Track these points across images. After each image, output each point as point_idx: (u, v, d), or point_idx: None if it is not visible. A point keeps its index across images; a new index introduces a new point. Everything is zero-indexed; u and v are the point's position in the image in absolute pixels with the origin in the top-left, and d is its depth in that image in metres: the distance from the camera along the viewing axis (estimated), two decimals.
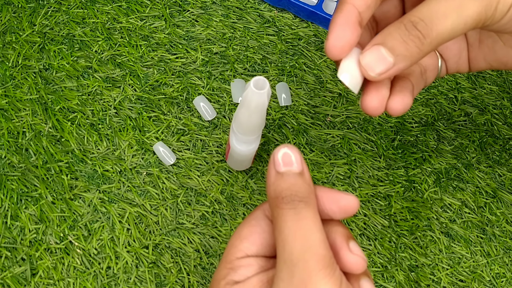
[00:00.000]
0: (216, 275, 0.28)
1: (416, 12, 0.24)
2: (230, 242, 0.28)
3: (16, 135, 0.48)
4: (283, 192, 0.25)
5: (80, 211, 0.46)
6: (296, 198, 0.25)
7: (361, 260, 0.26)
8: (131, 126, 0.50)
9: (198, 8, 0.57)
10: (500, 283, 0.48)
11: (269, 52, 0.55)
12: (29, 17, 0.54)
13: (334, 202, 0.27)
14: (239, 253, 0.27)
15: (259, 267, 0.27)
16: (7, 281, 0.43)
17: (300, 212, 0.25)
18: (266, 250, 0.28)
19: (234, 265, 0.27)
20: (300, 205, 0.25)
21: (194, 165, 0.49)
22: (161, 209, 0.47)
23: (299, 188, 0.26)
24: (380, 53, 0.25)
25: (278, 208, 0.25)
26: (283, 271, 0.25)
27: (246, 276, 0.27)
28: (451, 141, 0.54)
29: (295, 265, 0.24)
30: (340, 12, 0.27)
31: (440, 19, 0.24)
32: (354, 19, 0.26)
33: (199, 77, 0.53)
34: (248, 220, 0.29)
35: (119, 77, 0.52)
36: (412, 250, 0.48)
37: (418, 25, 0.24)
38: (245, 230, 0.28)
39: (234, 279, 0.27)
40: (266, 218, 0.28)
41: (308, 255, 0.24)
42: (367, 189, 0.50)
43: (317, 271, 0.24)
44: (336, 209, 0.27)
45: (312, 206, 0.26)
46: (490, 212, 0.51)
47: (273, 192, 0.26)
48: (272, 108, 0.52)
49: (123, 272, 0.44)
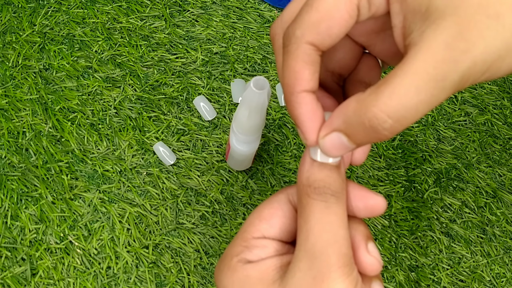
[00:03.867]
0: (229, 250, 0.27)
1: (382, 104, 0.21)
2: (249, 221, 0.28)
3: (16, 135, 0.48)
4: (316, 182, 0.25)
5: (80, 211, 0.46)
6: (328, 191, 0.25)
7: (377, 262, 0.26)
8: (131, 126, 0.50)
9: (198, 8, 0.57)
10: (500, 283, 0.48)
11: (269, 52, 0.55)
12: (29, 17, 0.54)
13: (362, 200, 0.27)
14: (256, 233, 0.27)
15: (274, 250, 0.27)
16: (7, 281, 0.43)
17: (330, 206, 0.25)
18: (284, 235, 0.28)
19: (250, 244, 0.27)
20: (332, 199, 0.25)
21: (194, 165, 0.49)
22: (161, 209, 0.47)
23: (333, 181, 0.25)
24: (340, 141, 0.23)
25: (308, 197, 0.25)
26: (303, 261, 0.24)
27: (260, 257, 0.26)
28: (451, 141, 0.54)
29: (316, 258, 0.24)
30: (299, 105, 0.25)
31: (411, 114, 0.21)
32: (314, 104, 0.25)
33: (199, 77, 0.53)
34: (270, 202, 0.28)
35: (119, 77, 0.52)
36: (412, 250, 0.48)
37: (385, 124, 0.21)
38: (265, 211, 0.28)
39: (247, 258, 0.26)
40: (289, 203, 0.28)
41: (331, 250, 0.24)
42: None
43: (336, 268, 0.24)
44: (362, 207, 0.27)
45: (343, 202, 0.25)
46: (490, 212, 0.51)
47: (305, 180, 0.25)
48: (272, 108, 0.52)
49: (123, 272, 0.44)
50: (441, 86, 0.20)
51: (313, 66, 0.25)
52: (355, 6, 0.23)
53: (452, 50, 0.20)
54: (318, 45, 0.24)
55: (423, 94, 0.20)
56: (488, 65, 0.20)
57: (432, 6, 0.21)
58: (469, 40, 0.20)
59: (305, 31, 0.24)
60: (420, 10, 0.21)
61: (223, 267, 0.27)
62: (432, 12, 0.21)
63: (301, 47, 0.24)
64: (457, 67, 0.20)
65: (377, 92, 0.21)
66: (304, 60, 0.24)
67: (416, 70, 0.20)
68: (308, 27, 0.24)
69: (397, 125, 0.21)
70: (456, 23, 0.20)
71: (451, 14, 0.20)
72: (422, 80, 0.20)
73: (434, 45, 0.20)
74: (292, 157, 0.50)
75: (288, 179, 0.50)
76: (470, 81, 0.21)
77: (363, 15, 0.24)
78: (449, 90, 0.21)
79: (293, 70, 0.24)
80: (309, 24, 0.24)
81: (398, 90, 0.20)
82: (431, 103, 0.21)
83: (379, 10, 0.23)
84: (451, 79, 0.20)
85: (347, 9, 0.23)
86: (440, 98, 0.21)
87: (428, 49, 0.20)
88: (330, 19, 0.23)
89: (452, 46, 0.20)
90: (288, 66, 0.25)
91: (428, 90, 0.20)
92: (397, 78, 0.21)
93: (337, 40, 0.24)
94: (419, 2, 0.21)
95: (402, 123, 0.21)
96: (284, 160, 0.50)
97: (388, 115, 0.21)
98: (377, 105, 0.21)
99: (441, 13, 0.20)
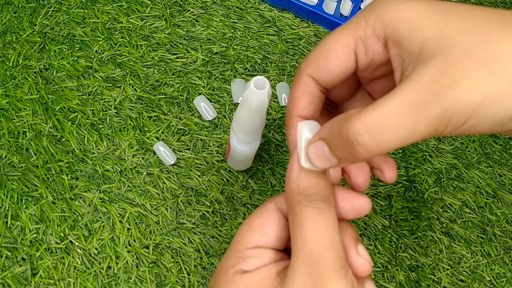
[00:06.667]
0: (224, 263, 0.28)
1: (364, 118, 0.22)
2: (241, 232, 0.28)
3: (17, 135, 0.48)
4: (307, 189, 0.26)
5: (81, 211, 0.46)
6: (319, 198, 0.25)
7: (367, 263, 0.27)
8: (131, 126, 0.50)
9: (198, 8, 0.57)
10: (500, 283, 0.48)
11: (270, 52, 0.55)
12: (30, 17, 0.54)
13: (348, 202, 0.27)
14: (249, 243, 0.28)
15: (269, 258, 0.27)
16: (7, 281, 0.43)
17: (323, 212, 0.25)
18: (276, 243, 0.28)
19: (244, 255, 0.27)
20: (323, 205, 0.26)
21: (194, 165, 0.49)
22: (162, 209, 0.47)
23: (322, 187, 0.26)
24: (323, 151, 0.24)
25: (300, 205, 0.26)
26: (301, 267, 0.25)
27: (256, 266, 0.27)
28: (451, 141, 0.54)
29: (315, 263, 0.25)
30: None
31: (388, 134, 0.21)
32: None
33: (200, 77, 0.53)
34: (260, 211, 0.29)
35: (120, 77, 0.52)
36: (412, 250, 0.48)
37: (360, 138, 0.22)
38: (256, 221, 0.28)
39: (243, 268, 0.27)
40: (279, 212, 0.28)
41: (328, 254, 0.25)
42: (367, 189, 0.50)
43: (333, 271, 0.25)
44: (349, 208, 0.27)
45: (333, 207, 0.26)
46: (491, 212, 0.51)
47: (295, 187, 0.26)
48: (272, 108, 0.52)
49: (123, 272, 0.44)
50: (422, 114, 0.21)
51: (310, 96, 0.27)
52: (351, 50, 0.26)
53: (437, 84, 0.21)
54: (317, 79, 0.27)
55: (403, 118, 0.21)
56: (472, 107, 0.21)
57: (425, 47, 0.22)
58: (454, 78, 0.21)
59: (307, 65, 0.27)
60: (415, 51, 0.23)
61: (219, 281, 0.27)
62: (425, 52, 0.22)
63: (302, 78, 0.27)
64: (440, 99, 0.21)
65: (362, 109, 0.22)
66: (303, 89, 0.27)
67: (401, 95, 0.22)
68: (310, 62, 0.27)
69: (372, 143, 0.22)
70: (443, 62, 0.22)
71: (440, 54, 0.22)
72: (404, 104, 0.21)
73: (421, 78, 0.22)
74: None
75: None
76: (453, 122, 0.22)
77: (361, 59, 0.26)
78: (430, 122, 0.21)
79: (293, 96, 0.28)
80: (311, 59, 0.27)
81: (380, 108, 0.22)
82: (411, 130, 0.21)
83: (376, 55, 0.26)
84: (432, 110, 0.21)
85: (343, 50, 0.26)
86: (420, 127, 0.21)
87: (415, 81, 0.22)
88: (327, 57, 0.26)
89: (438, 80, 0.21)
90: (291, 93, 0.28)
91: (408, 115, 0.21)
92: (383, 100, 0.22)
93: (335, 77, 0.27)
94: (413, 44, 0.23)
95: (378, 142, 0.22)
96: (284, 160, 0.50)
97: (366, 129, 0.22)
98: (358, 118, 0.22)
99: (432, 53, 0.22)
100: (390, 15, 0.24)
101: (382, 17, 0.24)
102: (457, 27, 0.22)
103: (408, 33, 0.23)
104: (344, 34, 0.26)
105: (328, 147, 0.24)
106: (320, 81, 0.27)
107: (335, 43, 0.26)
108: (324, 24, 0.57)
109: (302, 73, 0.27)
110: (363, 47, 0.26)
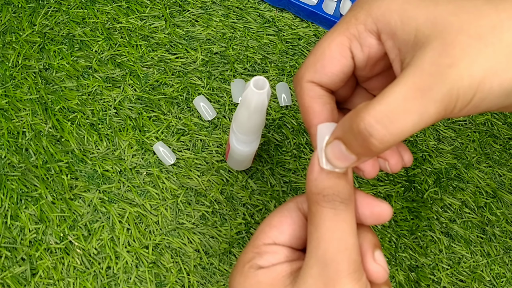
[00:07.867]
0: (242, 258, 0.28)
1: (372, 110, 0.22)
2: (260, 228, 0.29)
3: (16, 135, 0.48)
4: (325, 190, 0.25)
5: (80, 211, 0.46)
6: (337, 199, 0.25)
7: (382, 271, 0.26)
8: (131, 126, 0.50)
9: (198, 8, 0.57)
10: (500, 283, 0.48)
11: (269, 52, 0.55)
12: (29, 17, 0.54)
13: (368, 207, 0.27)
14: (267, 240, 0.28)
15: (285, 256, 0.27)
16: (7, 281, 0.43)
17: (340, 214, 0.25)
18: (293, 242, 0.28)
19: (261, 250, 0.28)
20: (341, 207, 0.25)
21: (194, 165, 0.49)
22: (161, 209, 0.47)
23: (341, 189, 0.26)
24: (340, 150, 0.24)
25: (318, 205, 0.26)
26: (314, 268, 0.25)
27: (271, 263, 0.27)
28: (451, 141, 0.54)
29: (327, 265, 0.25)
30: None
31: (398, 121, 0.21)
32: None
33: (199, 77, 0.53)
34: (280, 210, 0.29)
35: (119, 77, 0.52)
36: (412, 250, 0.48)
37: (372, 129, 0.22)
38: (276, 219, 0.28)
39: (259, 263, 0.27)
40: (298, 211, 0.29)
41: (341, 256, 0.25)
42: (367, 189, 0.50)
43: (346, 274, 0.24)
44: (369, 214, 0.27)
45: (351, 209, 0.26)
46: (490, 212, 0.51)
47: (314, 188, 0.26)
48: (272, 108, 0.52)
49: (123, 272, 0.44)
50: (429, 96, 0.21)
51: (320, 99, 0.27)
52: (346, 48, 0.26)
53: (438, 65, 0.21)
54: (318, 83, 0.27)
55: (410, 103, 0.22)
56: (476, 82, 0.21)
57: (419, 33, 0.23)
58: (453, 56, 0.21)
59: (305, 72, 0.27)
60: (410, 39, 0.23)
61: (236, 273, 0.28)
62: (420, 38, 0.23)
63: (304, 85, 0.27)
64: (443, 79, 0.21)
65: (370, 102, 0.22)
66: (309, 95, 0.27)
67: (405, 82, 0.22)
68: (307, 68, 0.27)
69: (385, 132, 0.22)
70: (440, 43, 0.22)
71: (436, 37, 0.22)
72: (410, 89, 0.22)
73: (421, 62, 0.22)
74: (292, 157, 0.50)
75: (288, 179, 0.50)
76: (461, 100, 0.22)
77: (358, 56, 0.26)
78: (439, 103, 0.21)
79: (303, 106, 0.28)
80: (308, 65, 0.27)
81: (387, 98, 0.22)
82: (420, 113, 0.22)
83: (373, 50, 0.26)
84: (438, 90, 0.21)
85: (338, 49, 0.26)
86: (430, 109, 0.22)
87: (416, 66, 0.22)
88: (323, 59, 0.26)
89: (438, 62, 0.22)
90: (300, 105, 0.28)
91: (416, 99, 0.21)
92: (388, 89, 0.22)
93: (335, 78, 0.27)
94: (407, 33, 0.23)
95: (390, 130, 0.22)
96: (284, 160, 0.50)
97: (376, 120, 0.22)
98: (367, 110, 0.22)
99: (427, 37, 0.22)
100: (378, 9, 0.24)
101: (371, 13, 0.25)
102: (447, 8, 0.22)
103: (400, 23, 0.23)
104: (336, 34, 0.26)
105: (344, 145, 0.24)
106: (322, 84, 0.27)
107: (329, 44, 0.26)
108: (324, 24, 0.57)
109: (302, 81, 0.27)
110: (357, 43, 0.26)
